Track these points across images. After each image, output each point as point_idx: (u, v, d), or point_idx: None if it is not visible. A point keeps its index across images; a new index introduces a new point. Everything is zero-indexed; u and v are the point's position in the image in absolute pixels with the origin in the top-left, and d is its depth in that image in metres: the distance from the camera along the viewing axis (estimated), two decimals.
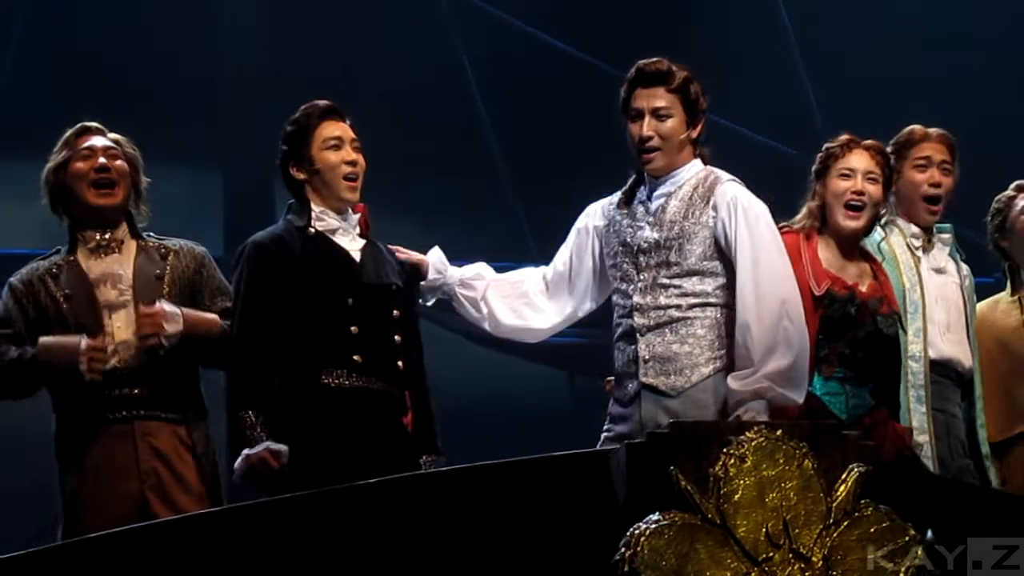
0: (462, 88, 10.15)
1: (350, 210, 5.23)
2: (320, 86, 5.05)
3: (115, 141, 5.39)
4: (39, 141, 5.36)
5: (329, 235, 5.19)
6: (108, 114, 5.46)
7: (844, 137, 5.63)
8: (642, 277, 5.12)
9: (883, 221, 5.84)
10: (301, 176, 5.22)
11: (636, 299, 5.10)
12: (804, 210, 5.61)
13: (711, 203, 5.11)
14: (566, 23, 10.25)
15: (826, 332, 5.40)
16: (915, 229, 5.85)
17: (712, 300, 5.08)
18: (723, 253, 5.09)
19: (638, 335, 5.08)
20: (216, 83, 9.91)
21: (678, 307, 5.06)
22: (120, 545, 4.36)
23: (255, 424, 4.95)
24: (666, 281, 5.09)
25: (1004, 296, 6.05)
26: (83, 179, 5.31)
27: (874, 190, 5.56)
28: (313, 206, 5.19)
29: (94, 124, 5.41)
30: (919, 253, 5.82)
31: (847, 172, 5.57)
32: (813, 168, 5.64)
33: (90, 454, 5.17)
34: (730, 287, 5.09)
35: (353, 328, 5.10)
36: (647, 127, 5.12)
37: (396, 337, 5.19)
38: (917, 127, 5.94)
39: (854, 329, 5.43)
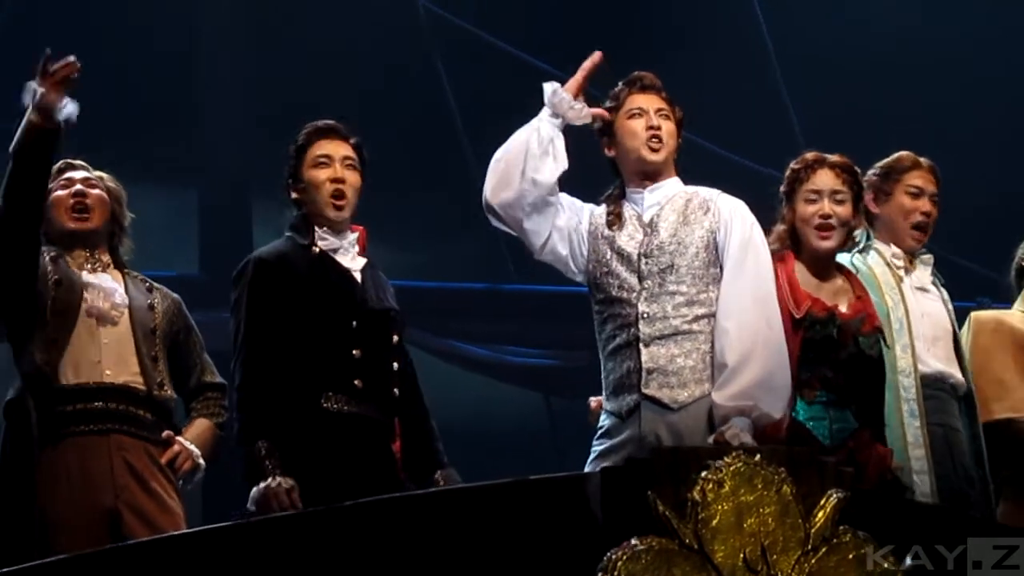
0: (441, 106, 10.13)
1: (348, 230, 5.23)
2: (295, 103, 5.03)
3: (100, 177, 5.44)
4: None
5: (331, 254, 5.19)
6: (81, 130, 5.44)
7: (809, 156, 5.58)
8: (646, 285, 5.08)
9: (860, 247, 5.82)
10: (295, 196, 5.24)
11: (642, 308, 5.06)
12: (774, 234, 5.58)
13: (711, 211, 5.12)
14: (547, 41, 10.24)
15: (808, 355, 5.36)
16: (896, 250, 5.83)
17: (715, 310, 5.06)
18: (721, 262, 5.09)
19: (642, 345, 5.04)
20: (192, 100, 9.88)
21: (684, 317, 5.04)
22: (112, 562, 4.32)
23: (268, 455, 4.91)
24: (672, 288, 5.06)
25: (1015, 312, 6.02)
26: (60, 205, 5.35)
27: (842, 211, 5.52)
28: (315, 225, 5.19)
29: (78, 161, 5.46)
30: (900, 273, 5.80)
31: (813, 196, 5.52)
32: (781, 190, 5.61)
33: (63, 464, 5.13)
34: None
35: (356, 352, 5.08)
36: (655, 120, 5.17)
37: (395, 364, 5.19)
38: (907, 154, 5.90)
39: (836, 351, 5.40)
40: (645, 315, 5.06)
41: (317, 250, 5.16)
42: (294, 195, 5.24)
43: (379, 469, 5.09)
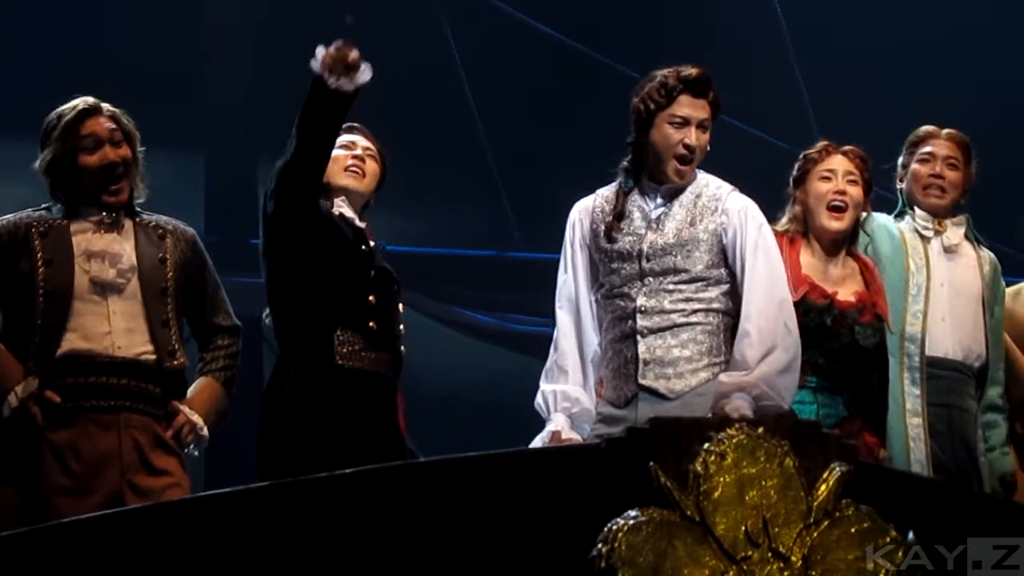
0: (451, 75, 10.10)
1: (360, 211, 5.35)
2: (302, 66, 5.01)
3: (113, 117, 5.29)
4: (15, 118, 5.34)
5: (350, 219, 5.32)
6: (86, 90, 5.39)
7: (822, 143, 5.68)
8: (647, 281, 5.09)
9: (895, 212, 5.85)
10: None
11: (640, 301, 5.08)
12: (786, 217, 5.60)
13: (720, 211, 5.10)
14: (556, 10, 10.20)
15: (801, 341, 5.35)
16: (922, 213, 5.85)
17: (715, 307, 5.08)
18: (727, 262, 5.08)
19: (639, 336, 5.07)
20: (200, 59, 9.84)
21: (682, 312, 5.05)
22: (113, 528, 4.31)
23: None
24: (671, 287, 5.07)
25: None
26: (93, 178, 5.23)
27: (855, 191, 5.57)
28: (334, 196, 5.33)
29: (91, 104, 5.30)
30: (928, 235, 5.81)
31: (827, 174, 5.58)
32: (792, 176, 5.64)
33: (71, 440, 5.10)
34: (732, 294, 5.10)
35: (371, 298, 5.19)
36: (694, 138, 5.10)
37: (401, 327, 5.29)
38: (926, 127, 5.97)
39: (830, 340, 5.41)
40: (643, 308, 5.08)
41: (338, 212, 5.30)
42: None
43: (385, 428, 5.18)
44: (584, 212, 5.26)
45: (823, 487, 4.23)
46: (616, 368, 5.12)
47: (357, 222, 5.33)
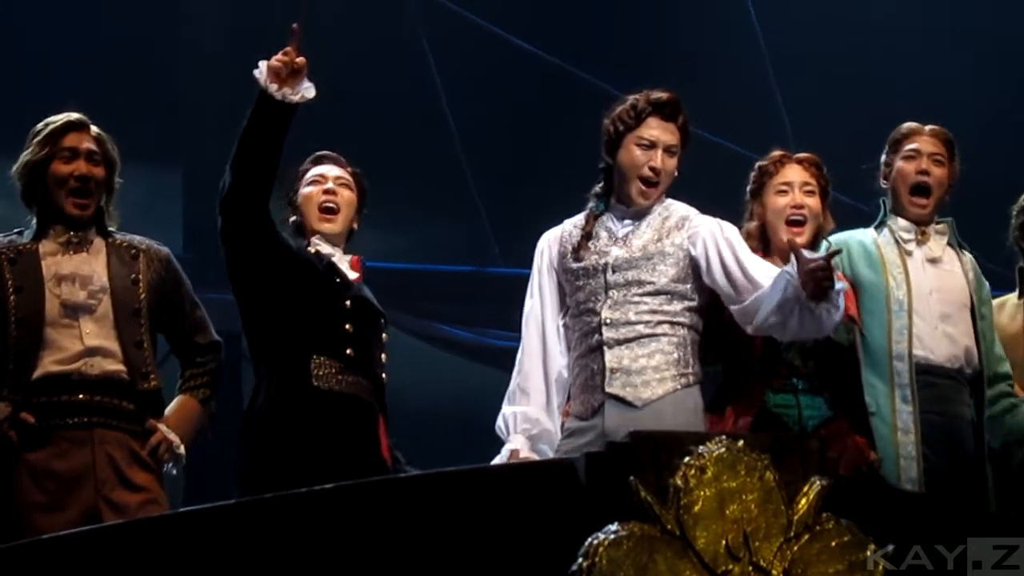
0: (428, 89, 10.10)
1: (342, 248, 5.34)
2: None
3: (98, 139, 5.29)
4: None
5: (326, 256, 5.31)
6: (61, 108, 5.38)
7: (776, 153, 5.62)
8: (611, 295, 5.11)
9: (875, 223, 5.80)
10: (293, 217, 5.37)
11: (605, 314, 5.10)
12: (743, 231, 5.56)
13: (686, 228, 5.13)
14: (534, 26, 10.21)
15: (773, 343, 5.34)
16: (904, 223, 5.78)
17: (680, 320, 5.10)
18: (696, 276, 5.08)
19: (605, 347, 5.08)
20: (177, 76, 9.82)
21: (647, 323, 5.07)
22: (89, 545, 4.28)
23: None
24: (636, 299, 5.09)
25: (1012, 298, 5.97)
26: (61, 185, 5.23)
27: (812, 202, 5.53)
28: (311, 235, 5.33)
29: (78, 118, 5.31)
30: (910, 247, 5.74)
31: (783, 188, 5.53)
32: (748, 188, 5.61)
33: (45, 457, 5.08)
34: (698, 311, 5.13)
35: (348, 326, 5.17)
36: (660, 161, 5.11)
37: (383, 355, 5.28)
38: (909, 123, 5.86)
39: (803, 340, 5.38)
40: (608, 320, 5.10)
41: (313, 250, 5.29)
42: (293, 216, 5.38)
43: (365, 450, 5.15)
44: (553, 240, 5.30)
45: (803, 500, 4.23)
46: (584, 382, 5.13)
47: (333, 257, 5.31)
